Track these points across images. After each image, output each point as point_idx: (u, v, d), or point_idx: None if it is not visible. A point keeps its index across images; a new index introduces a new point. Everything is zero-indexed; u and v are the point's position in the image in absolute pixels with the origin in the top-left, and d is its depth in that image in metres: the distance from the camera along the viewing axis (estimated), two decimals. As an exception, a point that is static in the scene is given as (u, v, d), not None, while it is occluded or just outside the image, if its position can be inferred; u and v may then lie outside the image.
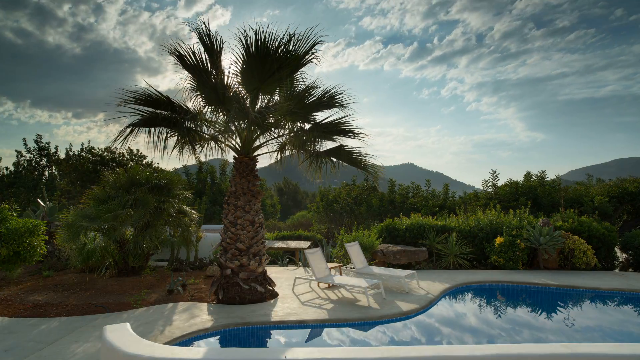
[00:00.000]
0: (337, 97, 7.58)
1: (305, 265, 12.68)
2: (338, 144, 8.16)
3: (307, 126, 8.06)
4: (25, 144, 22.27)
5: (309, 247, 12.57)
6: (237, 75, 7.36)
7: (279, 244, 13.76)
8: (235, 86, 7.49)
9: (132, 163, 21.29)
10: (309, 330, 6.36)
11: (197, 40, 7.03)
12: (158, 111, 7.27)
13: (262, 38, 6.57)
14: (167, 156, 7.35)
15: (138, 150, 22.08)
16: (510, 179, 18.39)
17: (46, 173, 22.68)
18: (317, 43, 6.97)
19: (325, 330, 6.34)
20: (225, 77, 7.30)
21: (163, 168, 20.37)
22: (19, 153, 22.18)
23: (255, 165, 8.00)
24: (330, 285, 8.72)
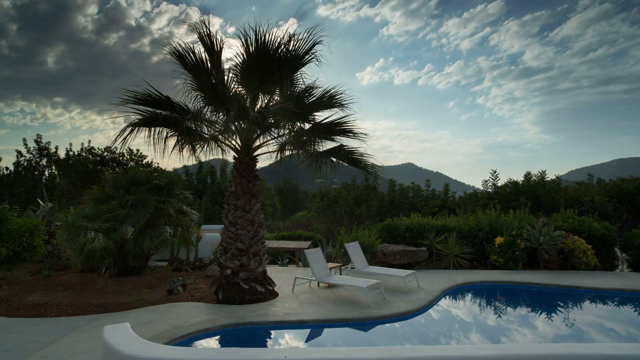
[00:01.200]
0: (337, 97, 7.58)
1: (305, 265, 12.68)
2: (338, 143, 8.16)
3: (307, 126, 8.06)
4: (25, 144, 22.27)
5: (309, 247, 12.57)
6: (237, 75, 7.36)
7: (279, 244, 13.77)
8: (236, 86, 7.49)
9: (132, 163, 21.31)
10: (309, 330, 6.35)
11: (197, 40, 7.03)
12: (158, 111, 7.26)
13: (262, 38, 6.56)
14: (167, 156, 7.36)
15: (138, 150, 22.11)
16: (511, 179, 18.41)
17: (46, 173, 22.68)
18: (317, 43, 6.97)
19: (325, 330, 6.34)
20: (226, 77, 7.30)
21: (163, 168, 20.39)
22: (19, 153, 22.17)
23: (255, 165, 8.00)
24: (330, 285, 8.72)
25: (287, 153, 8.25)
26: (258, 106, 7.77)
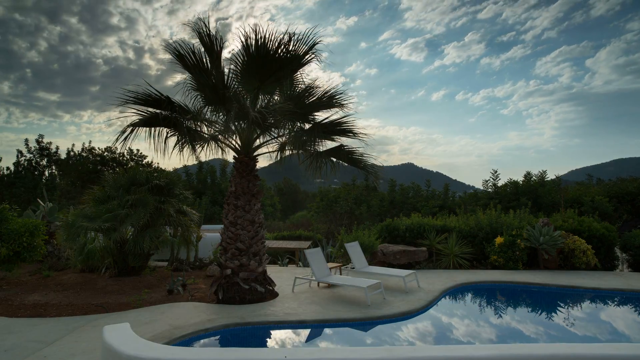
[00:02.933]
0: (337, 97, 7.58)
1: (305, 265, 12.68)
2: (338, 143, 8.16)
3: (307, 126, 8.06)
4: (27, 144, 22.27)
5: (309, 247, 12.57)
6: (237, 75, 7.36)
7: (279, 244, 13.77)
8: (235, 86, 7.49)
9: (132, 163, 21.32)
10: (309, 330, 6.35)
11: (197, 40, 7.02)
12: (158, 111, 7.26)
13: (262, 38, 6.57)
14: (167, 156, 7.36)
15: (138, 150, 22.12)
16: (511, 179, 18.40)
17: (46, 173, 22.68)
18: (317, 43, 6.98)
19: (325, 330, 6.34)
20: (226, 77, 7.30)
21: (163, 168, 20.40)
22: (20, 153, 22.17)
23: (255, 165, 8.00)
24: (330, 285, 8.72)
25: (287, 153, 8.25)
26: (258, 106, 7.77)
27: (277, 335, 6.26)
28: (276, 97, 8.01)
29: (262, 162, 8.66)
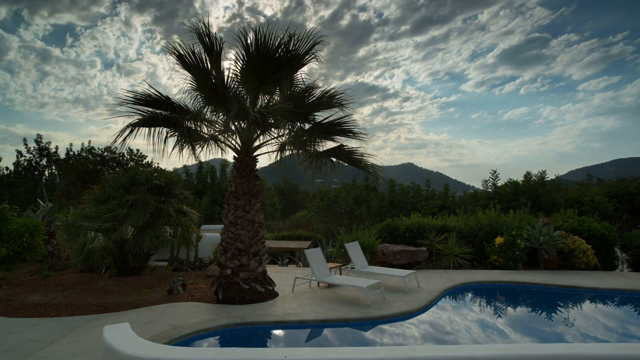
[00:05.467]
0: (336, 97, 7.57)
1: (305, 265, 12.68)
2: (338, 144, 8.15)
3: (307, 126, 8.05)
4: (26, 144, 22.25)
5: (309, 247, 12.57)
6: (237, 75, 7.35)
7: (279, 244, 13.77)
8: (235, 86, 7.48)
9: (132, 163, 21.30)
10: (309, 330, 6.35)
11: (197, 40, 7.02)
12: (158, 111, 7.26)
13: (262, 38, 6.56)
14: (167, 156, 7.35)
15: (138, 150, 22.09)
16: (511, 179, 18.41)
17: (46, 173, 22.66)
18: (317, 43, 6.97)
19: (325, 330, 6.34)
20: (225, 77, 7.30)
21: (163, 168, 20.38)
22: (19, 153, 22.15)
23: (255, 165, 8.00)
24: (330, 285, 8.72)
25: (287, 153, 8.25)
26: (258, 106, 7.77)
27: (277, 335, 6.26)
28: (276, 97, 8.00)
29: (262, 162, 8.67)
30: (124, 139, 7.17)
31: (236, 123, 7.59)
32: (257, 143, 8.05)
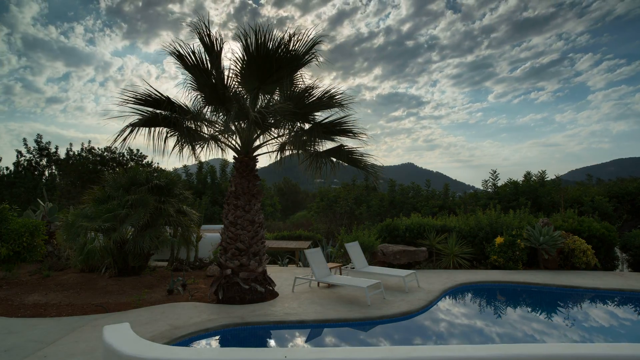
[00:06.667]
0: (336, 97, 7.58)
1: (305, 265, 12.68)
2: (338, 144, 8.15)
3: (307, 126, 8.06)
4: (26, 144, 22.25)
5: (309, 247, 12.57)
6: (237, 75, 7.35)
7: (279, 244, 13.77)
8: (235, 86, 7.49)
9: (132, 163, 21.31)
10: (309, 330, 6.35)
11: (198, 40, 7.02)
12: (158, 111, 7.26)
13: (262, 38, 6.56)
14: (167, 156, 7.35)
15: (138, 150, 22.09)
16: (511, 179, 18.41)
17: (46, 173, 22.66)
18: (317, 43, 6.97)
19: (325, 330, 6.34)
20: (225, 77, 7.30)
21: (163, 168, 20.39)
22: (19, 153, 22.15)
23: (255, 165, 8.00)
24: (330, 285, 8.72)
25: (287, 153, 8.25)
26: (258, 106, 7.77)
27: (277, 335, 6.26)
28: (276, 97, 8.00)
29: (262, 162, 8.67)
30: (124, 139, 7.17)
31: (236, 123, 7.58)
32: (257, 143, 8.05)
